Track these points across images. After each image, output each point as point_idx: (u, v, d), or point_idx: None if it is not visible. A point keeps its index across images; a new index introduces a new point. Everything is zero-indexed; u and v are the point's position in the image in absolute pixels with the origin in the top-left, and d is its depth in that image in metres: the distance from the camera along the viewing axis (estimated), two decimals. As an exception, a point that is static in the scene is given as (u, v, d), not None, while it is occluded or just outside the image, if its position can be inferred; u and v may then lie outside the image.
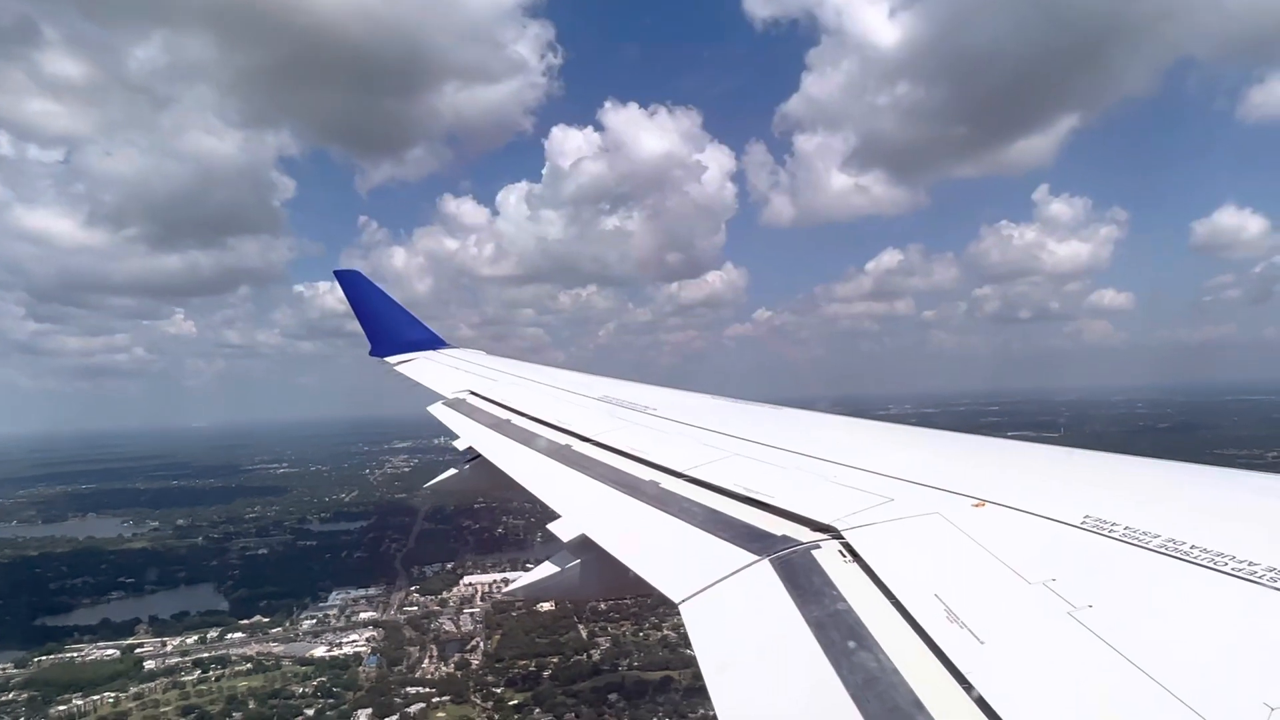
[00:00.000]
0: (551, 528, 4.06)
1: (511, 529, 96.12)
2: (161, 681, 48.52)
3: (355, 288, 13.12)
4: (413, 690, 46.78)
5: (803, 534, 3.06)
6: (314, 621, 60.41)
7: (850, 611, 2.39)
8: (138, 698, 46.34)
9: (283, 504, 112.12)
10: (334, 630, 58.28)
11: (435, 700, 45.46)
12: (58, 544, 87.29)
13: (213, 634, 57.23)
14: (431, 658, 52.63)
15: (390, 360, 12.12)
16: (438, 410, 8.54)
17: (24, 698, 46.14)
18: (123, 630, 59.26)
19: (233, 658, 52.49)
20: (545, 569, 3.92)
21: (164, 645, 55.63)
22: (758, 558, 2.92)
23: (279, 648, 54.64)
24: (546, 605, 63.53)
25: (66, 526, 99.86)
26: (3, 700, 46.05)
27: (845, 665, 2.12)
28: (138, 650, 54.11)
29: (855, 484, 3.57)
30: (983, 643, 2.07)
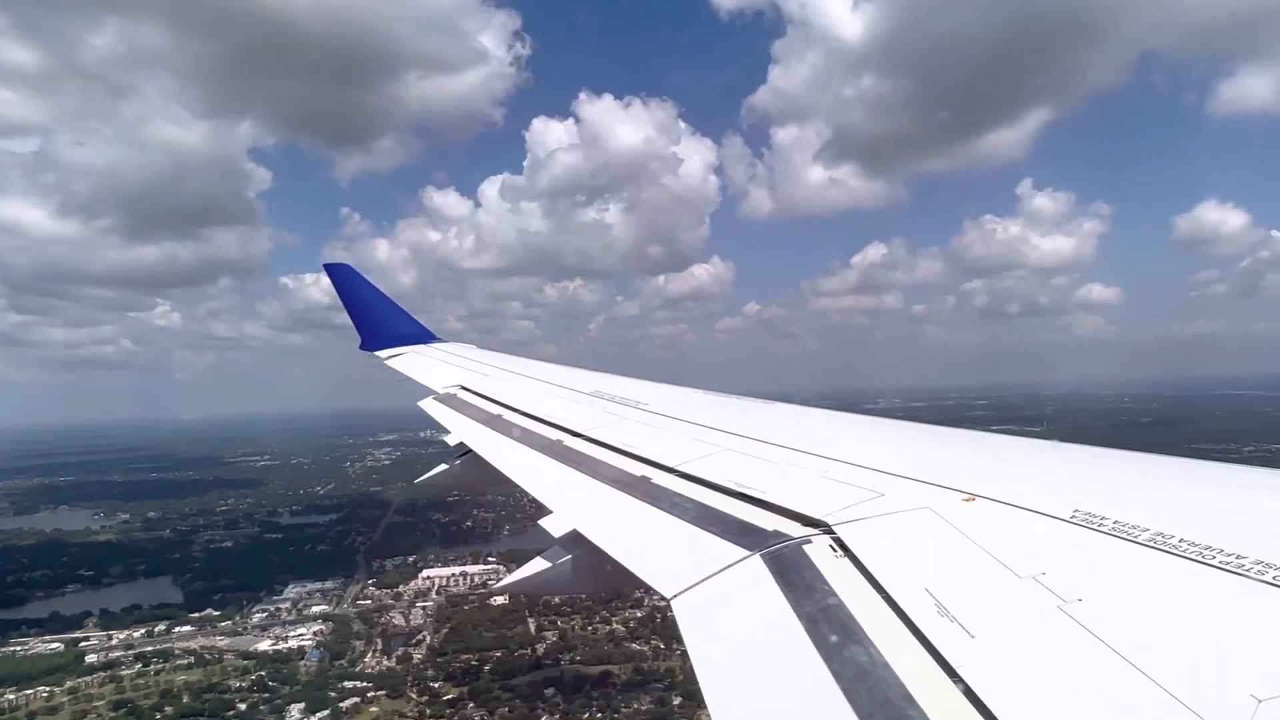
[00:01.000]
0: (543, 523, 4.07)
1: (480, 522, 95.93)
2: (99, 676, 48.08)
3: (345, 281, 13.01)
4: (350, 685, 46.76)
5: (794, 529, 3.08)
6: (265, 615, 59.89)
7: (841, 606, 2.40)
8: (72, 692, 45.96)
9: (257, 496, 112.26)
10: (283, 624, 58.28)
11: (371, 695, 45.17)
12: (24, 536, 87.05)
13: (160, 628, 56.73)
14: (376, 652, 52.18)
15: (381, 354, 12.00)
16: (429, 405, 8.49)
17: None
18: (72, 624, 58.95)
19: (176, 651, 52.46)
20: (537, 564, 3.91)
21: (110, 639, 55.00)
22: (749, 553, 2.94)
23: (224, 641, 54.49)
24: (500, 599, 63.28)
25: (37, 519, 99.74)
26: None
27: (836, 659, 2.13)
28: (82, 644, 53.52)
29: (846, 479, 3.60)
30: (973, 636, 2.09)
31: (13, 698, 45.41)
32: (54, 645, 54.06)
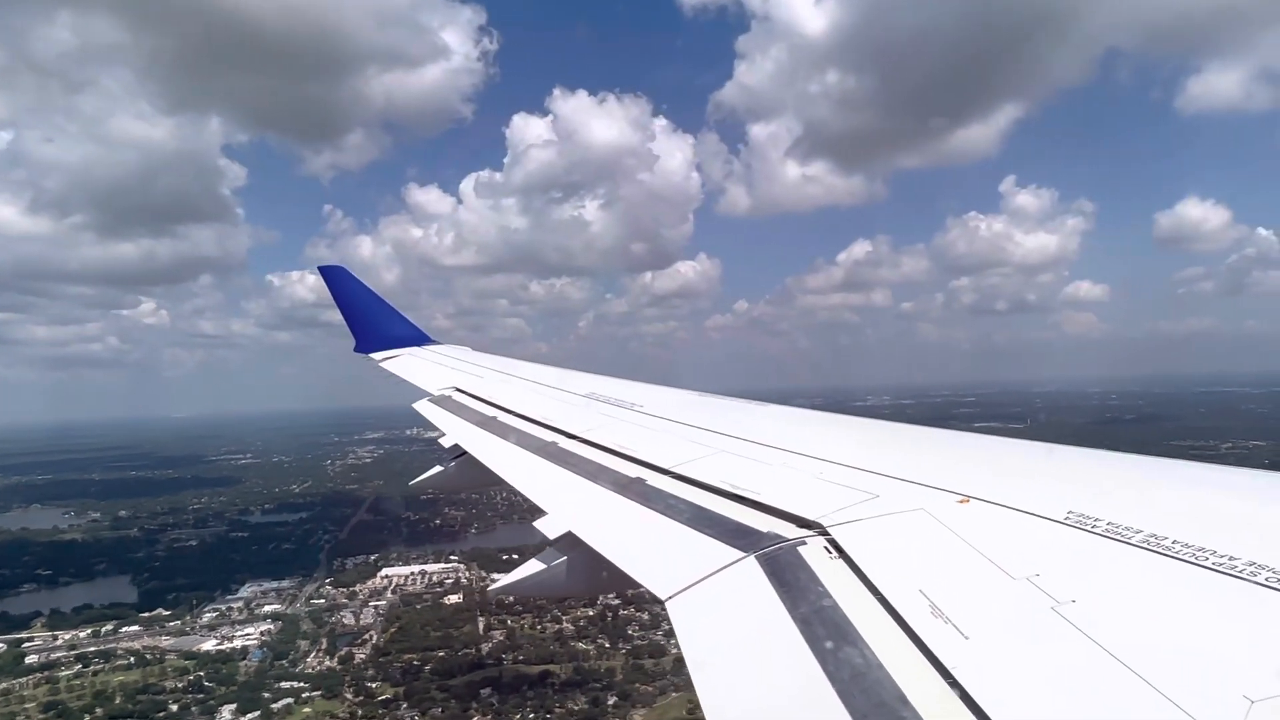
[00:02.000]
0: (538, 525, 4.09)
1: (449, 521, 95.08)
2: (35, 677, 47.27)
3: (339, 283, 13.09)
4: (288, 685, 45.84)
5: (789, 530, 3.10)
6: (216, 615, 59.44)
7: (836, 607, 2.41)
8: (4, 694, 45.06)
9: (231, 495, 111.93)
10: (233, 623, 57.87)
11: (306, 695, 44.47)
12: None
13: (108, 628, 55.95)
14: (319, 651, 51.50)
15: (375, 357, 12.07)
16: (423, 407, 8.51)
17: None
18: (19, 624, 58.14)
19: (118, 652, 51.73)
20: (531, 566, 3.93)
21: (55, 639, 54.28)
22: (744, 554, 2.95)
23: (168, 641, 53.69)
24: (454, 597, 62.70)
25: (7, 518, 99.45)
26: None
27: (831, 661, 2.15)
28: (25, 644, 52.71)
29: (841, 480, 3.62)
30: (967, 638, 2.11)
31: (-57, 699, 44.70)
32: (-3, 645, 53.33)
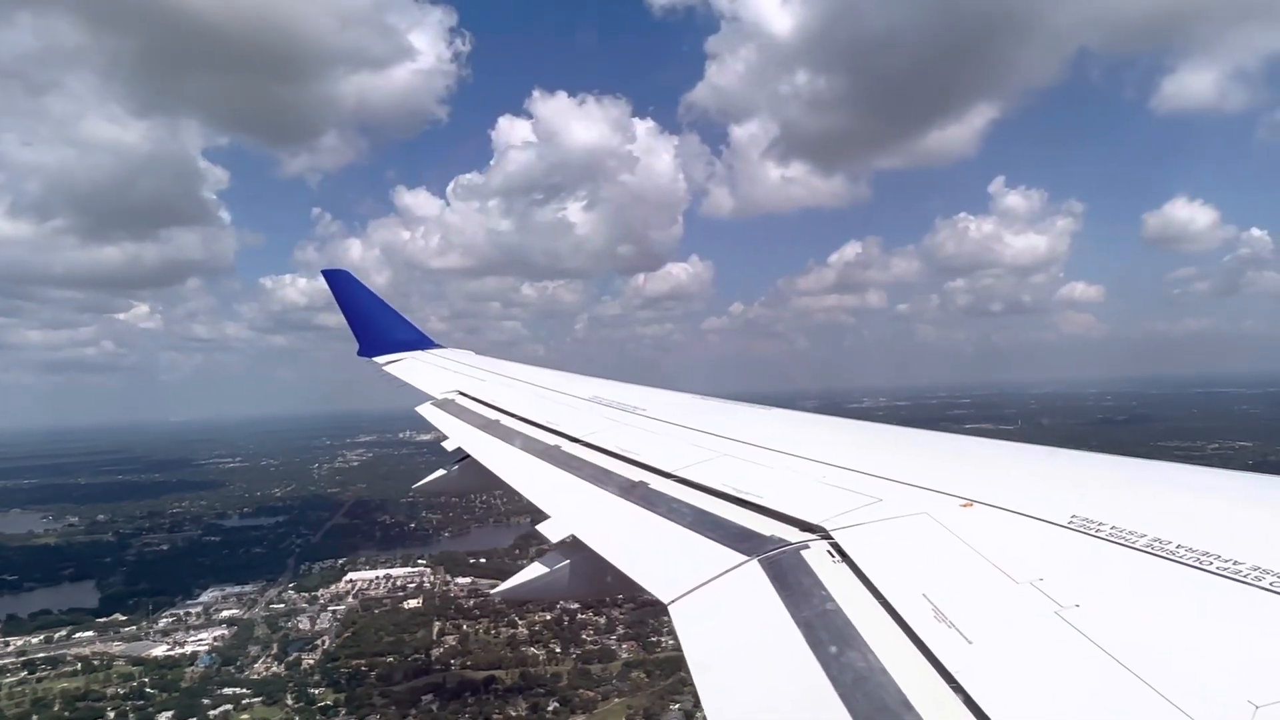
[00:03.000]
0: (541, 528, 4.10)
1: (424, 524, 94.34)
2: (-25, 684, 46.57)
3: (343, 287, 13.09)
4: (230, 691, 44.99)
5: (792, 534, 3.11)
6: (173, 620, 58.67)
7: (839, 611, 2.43)
8: (-57, 702, 44.41)
9: (212, 499, 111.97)
10: (188, 628, 57.07)
11: (246, 701, 43.74)
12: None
13: (61, 633, 55.22)
14: (269, 657, 50.71)
15: (379, 360, 12.09)
16: (426, 411, 8.51)
17: None
18: (-27, 630, 57.34)
19: (67, 658, 50.80)
20: (534, 570, 3.92)
21: (6, 645, 53.70)
22: (747, 558, 2.96)
23: (120, 647, 52.87)
24: (413, 601, 62.01)
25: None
26: None
27: (834, 665, 2.16)
28: (-25, 651, 52.10)
29: (844, 484, 3.63)
30: (971, 642, 2.12)
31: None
32: (-56, 653, 52.75)
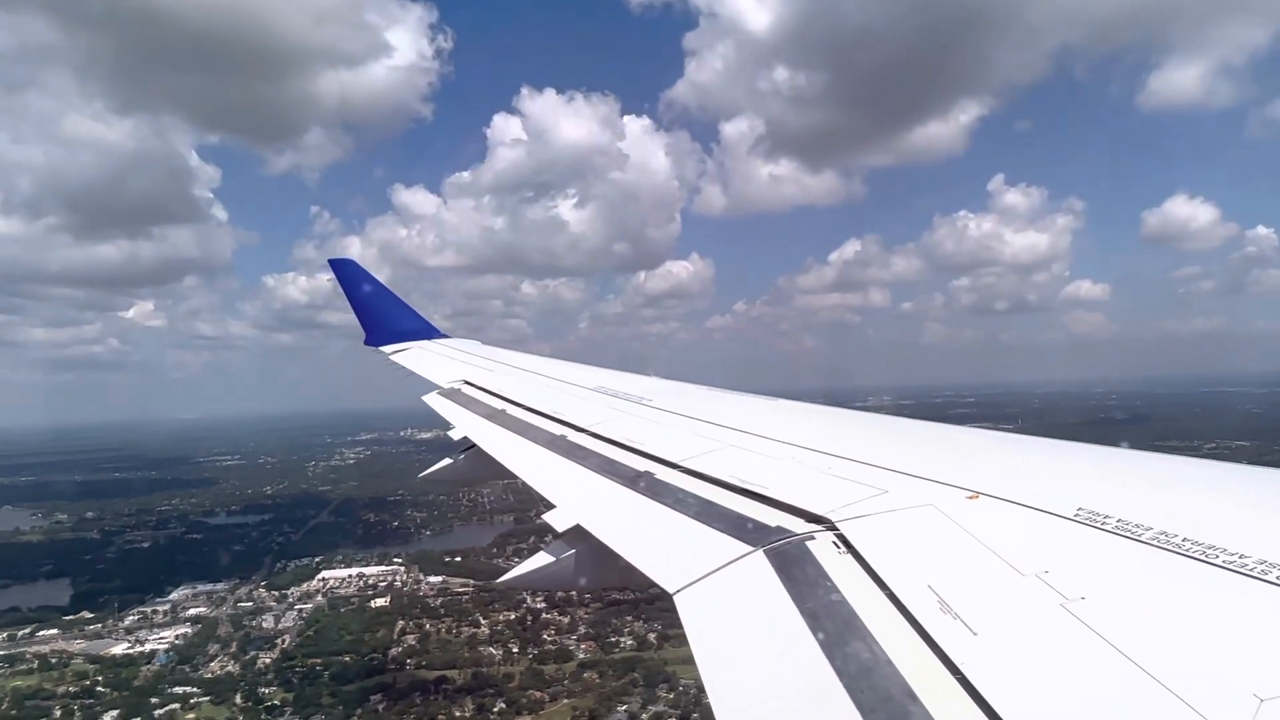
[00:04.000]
0: (547, 518, 4.07)
1: (408, 522, 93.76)
2: (-70, 683, 46.23)
3: (349, 277, 13.06)
4: (180, 690, 44.33)
5: (797, 525, 3.12)
6: (139, 617, 58.19)
7: (844, 602, 2.44)
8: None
9: (203, 496, 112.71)
10: (153, 626, 56.54)
11: (195, 700, 43.17)
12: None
13: (24, 631, 54.82)
14: (226, 655, 50.11)
15: (385, 350, 11.97)
16: (433, 400, 8.50)
17: None
18: (-59, 628, 57.16)
19: (26, 656, 50.43)
20: (540, 559, 3.91)
21: (-33, 643, 53.33)
22: (752, 549, 2.98)
23: (81, 645, 52.30)
24: (381, 600, 61.36)
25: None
26: None
27: (838, 656, 2.17)
28: (-63, 649, 51.84)
29: (850, 475, 3.63)
30: (976, 634, 2.12)
31: None
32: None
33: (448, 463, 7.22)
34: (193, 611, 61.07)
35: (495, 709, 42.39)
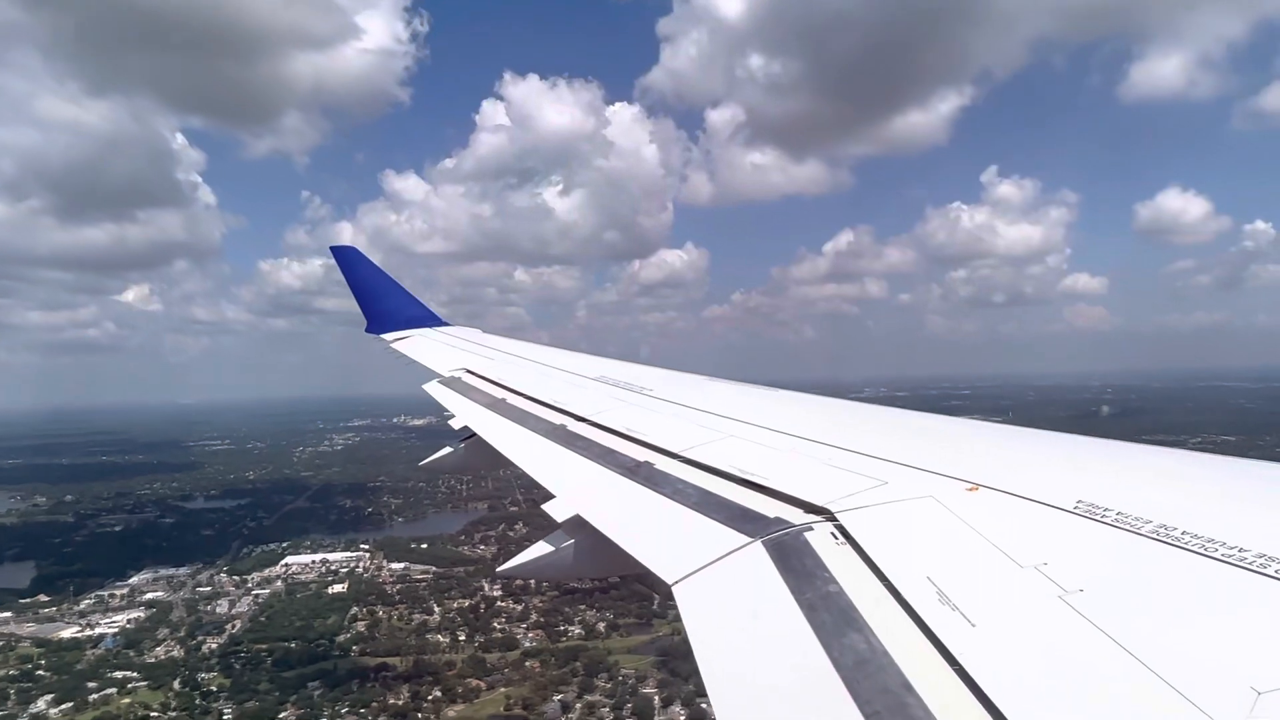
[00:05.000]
0: (546, 507, 4.03)
1: (381, 508, 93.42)
2: None
3: (351, 264, 12.98)
4: (120, 675, 43.89)
5: (796, 516, 3.10)
6: (95, 601, 57.71)
7: (842, 593, 2.43)
8: None
9: (184, 480, 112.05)
10: (108, 610, 56.17)
11: (133, 685, 42.66)
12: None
13: (-23, 615, 54.53)
14: (175, 640, 49.64)
15: (387, 337, 11.94)
16: (433, 388, 8.42)
17: None
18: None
19: (-24, 640, 49.72)
20: (539, 549, 3.90)
21: (-84, 627, 53.03)
22: (751, 539, 2.97)
23: (31, 628, 51.92)
24: (338, 586, 60.93)
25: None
26: None
27: (836, 647, 2.17)
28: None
29: (849, 466, 3.62)
30: (974, 625, 2.12)
31: None
32: None
33: (448, 451, 7.23)
34: (150, 596, 61.08)
35: (430, 697, 42.36)
